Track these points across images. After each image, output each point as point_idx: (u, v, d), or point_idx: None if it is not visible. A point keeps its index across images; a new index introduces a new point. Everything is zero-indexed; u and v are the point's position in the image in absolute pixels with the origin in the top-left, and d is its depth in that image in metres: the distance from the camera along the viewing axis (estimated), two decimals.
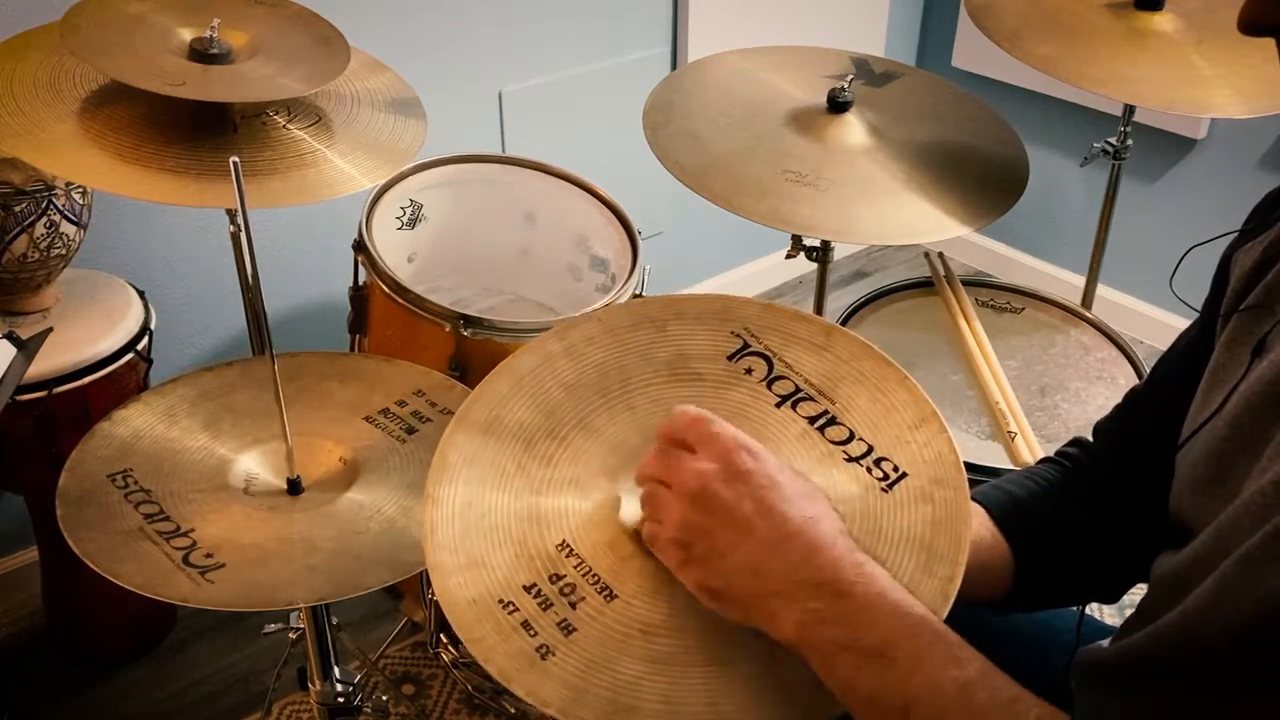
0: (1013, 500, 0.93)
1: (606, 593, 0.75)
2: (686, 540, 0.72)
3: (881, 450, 0.81)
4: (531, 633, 0.73)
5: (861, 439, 0.82)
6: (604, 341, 0.87)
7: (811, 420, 0.83)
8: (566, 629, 0.73)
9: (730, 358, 0.86)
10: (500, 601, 0.74)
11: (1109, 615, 1.80)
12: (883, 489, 0.79)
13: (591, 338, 0.87)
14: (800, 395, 0.84)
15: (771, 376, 0.85)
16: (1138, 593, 0.84)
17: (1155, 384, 0.94)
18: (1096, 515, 0.93)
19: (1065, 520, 0.93)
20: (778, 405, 0.83)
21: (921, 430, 0.82)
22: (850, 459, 0.81)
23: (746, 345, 0.86)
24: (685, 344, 0.86)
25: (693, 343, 0.86)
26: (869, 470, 0.80)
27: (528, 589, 0.75)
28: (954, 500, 0.79)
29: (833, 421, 0.83)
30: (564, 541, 0.77)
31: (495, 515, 0.79)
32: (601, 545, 0.77)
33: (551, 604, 0.74)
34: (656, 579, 0.75)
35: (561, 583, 0.75)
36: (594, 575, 0.76)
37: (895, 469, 0.81)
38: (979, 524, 0.91)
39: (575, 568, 0.76)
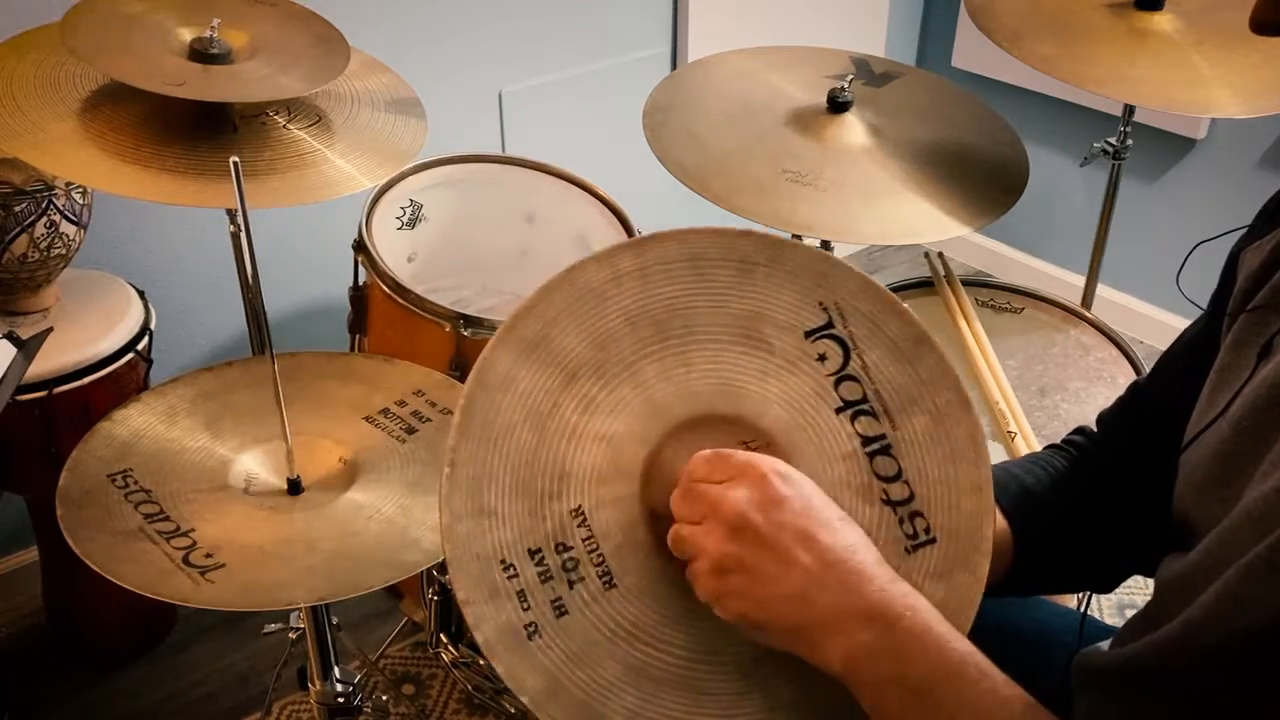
0: (1019, 485, 0.93)
1: (607, 579, 0.73)
2: (725, 569, 0.70)
3: (921, 504, 0.76)
4: (525, 605, 0.71)
5: (907, 482, 0.76)
6: (681, 272, 0.75)
7: (865, 442, 0.76)
8: (559, 610, 0.72)
9: (808, 335, 0.76)
10: (503, 562, 0.72)
11: (1109, 615, 1.80)
12: (906, 549, 0.75)
13: (669, 264, 0.75)
14: (864, 408, 0.76)
15: (843, 373, 0.76)
16: (1135, 590, 0.84)
17: (1158, 378, 0.94)
18: (1098, 505, 0.93)
19: (1067, 509, 0.93)
20: (837, 411, 0.76)
21: (971, 498, 0.76)
22: (887, 501, 0.76)
23: (830, 325, 0.76)
24: (766, 302, 0.76)
25: (775, 303, 0.76)
26: (900, 522, 0.75)
27: (532, 554, 0.72)
28: (968, 589, 0.75)
29: (886, 451, 0.76)
30: (579, 508, 0.73)
31: (520, 457, 0.73)
32: (615, 523, 0.74)
33: (551, 577, 0.72)
34: (660, 579, 0.74)
35: (566, 555, 0.73)
36: (599, 555, 0.73)
37: (927, 531, 0.76)
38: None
39: (584, 541, 0.73)
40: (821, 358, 0.76)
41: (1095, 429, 0.98)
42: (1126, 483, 0.91)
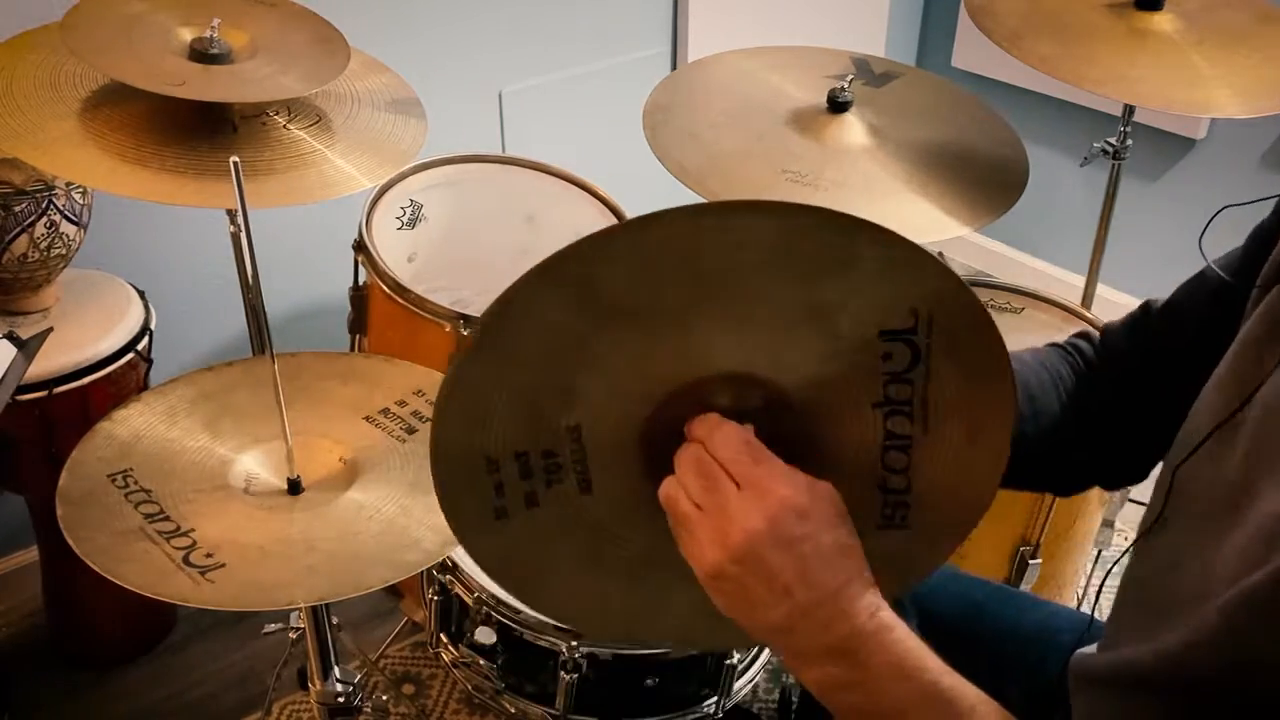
0: (1019, 381, 0.89)
1: (585, 485, 0.73)
2: (718, 576, 0.70)
3: (913, 500, 0.75)
4: (499, 495, 0.72)
5: (910, 479, 0.74)
6: (767, 240, 0.66)
7: (889, 437, 0.73)
8: (531, 501, 0.73)
9: (884, 335, 0.70)
10: (487, 458, 0.71)
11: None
12: (875, 525, 0.75)
13: (757, 235, 0.66)
14: (905, 410, 0.72)
15: (902, 376, 0.71)
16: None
17: (1174, 311, 0.92)
18: (1093, 417, 0.93)
19: (1064, 416, 0.93)
20: (874, 405, 0.72)
21: (963, 513, 0.77)
22: (883, 487, 0.75)
23: (913, 330, 0.70)
24: (856, 293, 0.68)
25: (863, 297, 0.68)
26: (884, 506, 0.76)
27: (519, 455, 0.71)
28: (920, 560, 0.79)
29: (905, 449, 0.74)
30: (577, 426, 0.71)
31: (530, 379, 0.70)
32: (609, 443, 0.72)
33: (531, 475, 0.72)
34: (636, 498, 0.73)
35: (550, 461, 0.72)
36: (583, 466, 0.72)
37: (904, 520, 0.76)
38: None
39: (571, 454, 0.72)
40: (886, 356, 0.71)
41: (1100, 336, 0.98)
42: (1125, 400, 0.92)
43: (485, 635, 1.25)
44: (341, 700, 1.25)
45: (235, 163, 0.95)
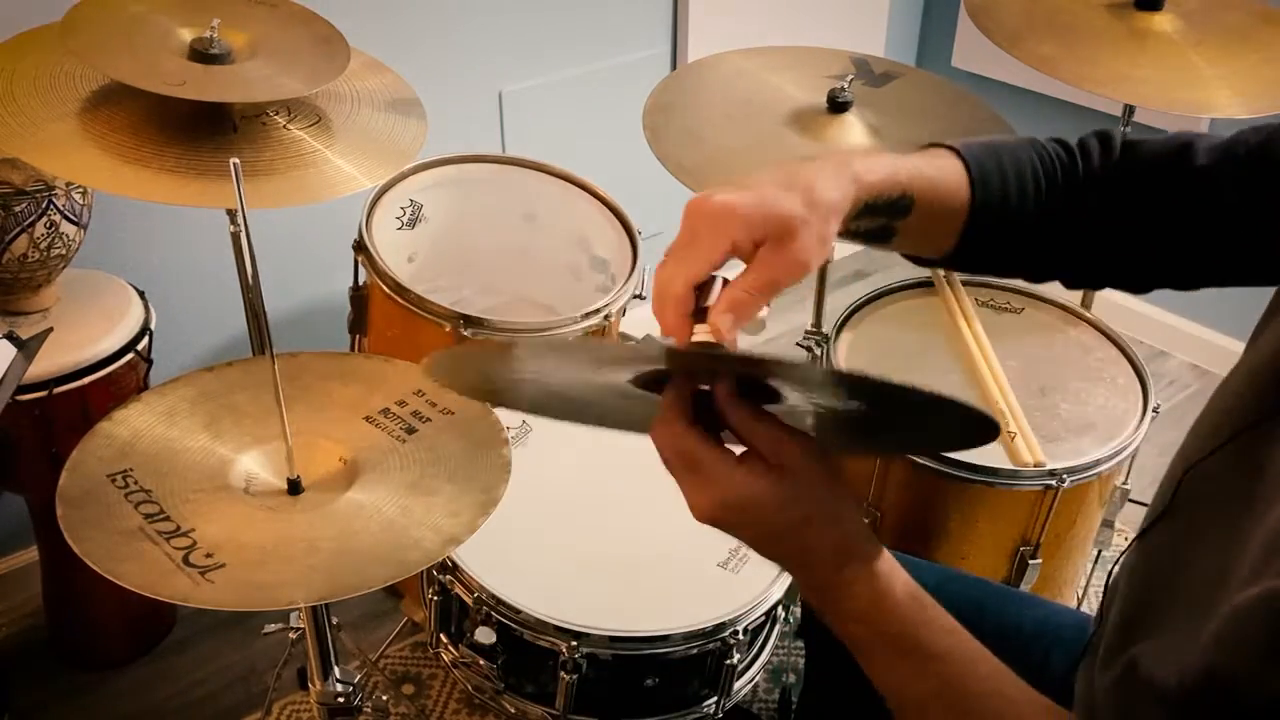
0: (999, 175, 0.88)
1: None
2: (714, 520, 0.73)
3: None
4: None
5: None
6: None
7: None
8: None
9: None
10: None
11: None
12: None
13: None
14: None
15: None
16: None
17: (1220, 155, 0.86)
18: (1078, 223, 0.89)
19: (1038, 218, 0.89)
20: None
21: None
22: None
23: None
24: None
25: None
26: None
27: None
28: None
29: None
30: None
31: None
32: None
33: None
34: (634, 400, 0.77)
35: None
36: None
37: None
38: (951, 174, 0.87)
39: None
40: None
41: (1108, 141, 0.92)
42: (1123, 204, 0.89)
43: (485, 635, 1.24)
44: (341, 700, 1.25)
45: (235, 163, 0.95)
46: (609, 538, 1.30)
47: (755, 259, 0.74)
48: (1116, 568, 0.85)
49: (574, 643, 1.18)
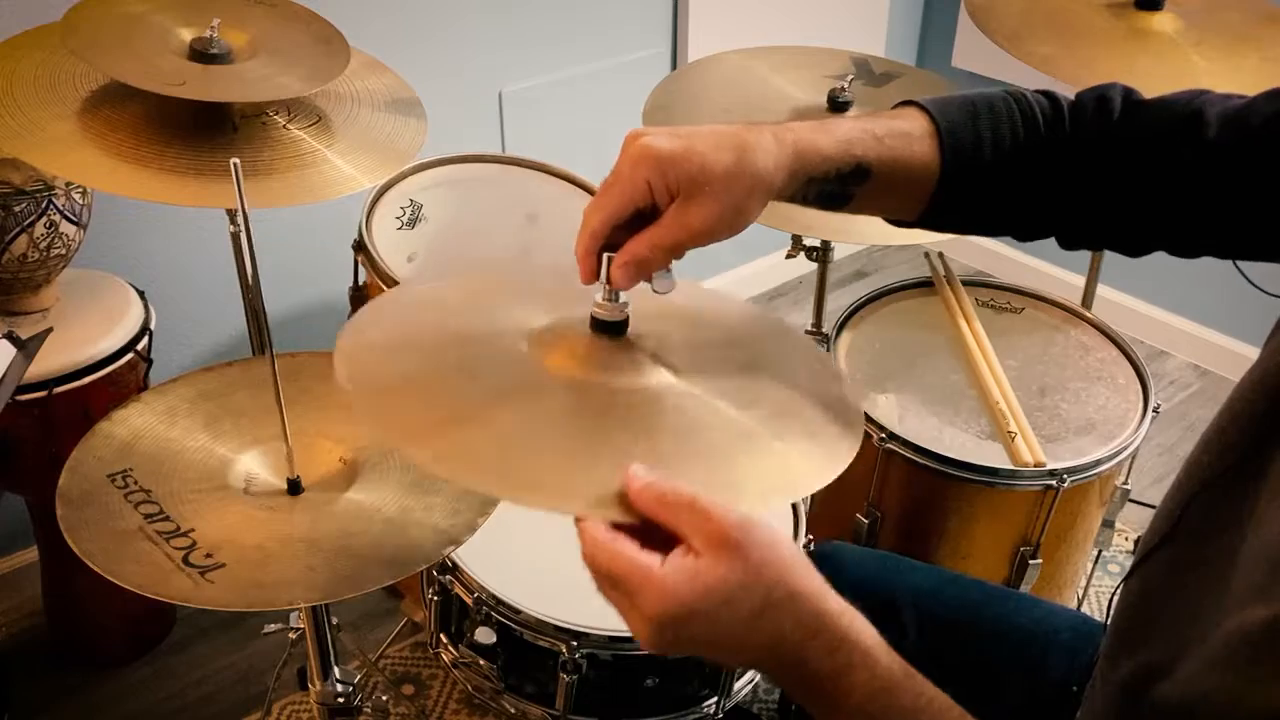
0: (972, 134, 0.84)
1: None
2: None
3: None
4: None
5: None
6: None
7: None
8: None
9: None
10: None
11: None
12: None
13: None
14: None
15: None
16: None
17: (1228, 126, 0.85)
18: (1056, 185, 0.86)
19: (1014, 179, 0.86)
20: None
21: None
22: None
23: None
24: None
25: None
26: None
27: None
28: None
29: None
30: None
31: None
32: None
33: None
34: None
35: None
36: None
37: None
38: (918, 139, 0.82)
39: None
40: None
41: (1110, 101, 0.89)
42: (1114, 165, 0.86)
43: (485, 635, 1.24)
44: (341, 700, 1.25)
45: (235, 164, 0.95)
46: None
47: (664, 215, 0.72)
48: (1117, 594, 0.83)
49: (574, 643, 1.18)
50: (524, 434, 0.68)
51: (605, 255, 0.74)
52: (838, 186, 0.79)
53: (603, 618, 1.19)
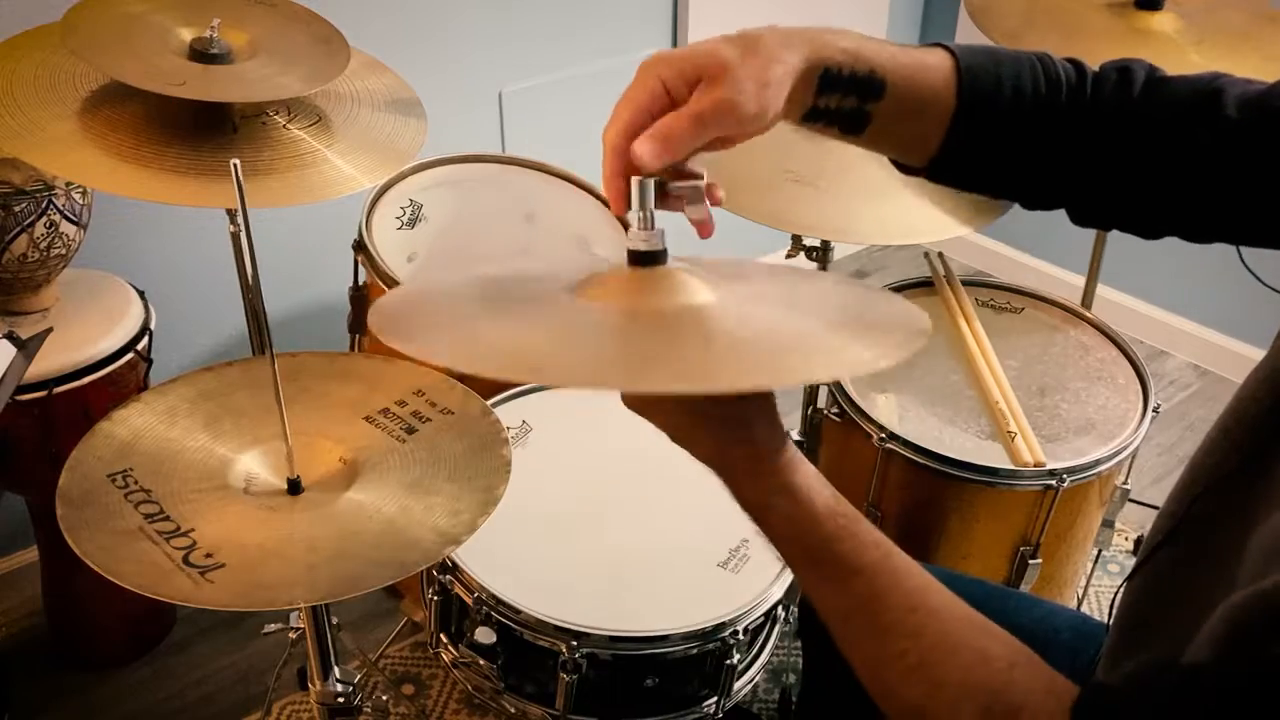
0: (993, 76, 0.82)
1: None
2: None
3: None
4: None
5: None
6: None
7: None
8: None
9: None
10: None
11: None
12: None
13: None
14: None
15: None
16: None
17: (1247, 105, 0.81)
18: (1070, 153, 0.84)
19: (1031, 138, 0.84)
20: None
21: None
22: None
23: None
24: None
25: None
26: None
27: None
28: None
29: None
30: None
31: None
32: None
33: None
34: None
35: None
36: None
37: None
38: (936, 67, 0.82)
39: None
40: None
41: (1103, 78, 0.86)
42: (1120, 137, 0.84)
43: (485, 635, 1.24)
44: (341, 700, 1.25)
45: (235, 164, 0.95)
46: (609, 538, 1.30)
47: (690, 98, 0.72)
48: (1120, 593, 0.83)
49: (574, 643, 1.18)
50: (579, 339, 0.68)
51: (634, 179, 0.71)
52: (856, 98, 0.79)
53: (603, 618, 1.19)
